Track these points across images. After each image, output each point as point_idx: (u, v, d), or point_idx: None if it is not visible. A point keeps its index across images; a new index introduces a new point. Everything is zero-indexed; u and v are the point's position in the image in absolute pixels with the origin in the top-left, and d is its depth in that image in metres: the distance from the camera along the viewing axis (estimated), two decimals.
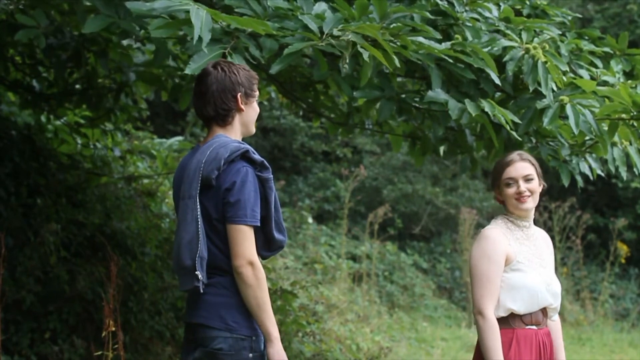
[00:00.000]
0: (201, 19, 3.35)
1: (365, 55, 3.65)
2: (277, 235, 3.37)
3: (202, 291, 3.25)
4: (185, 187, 3.29)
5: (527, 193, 3.66)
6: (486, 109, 4.17)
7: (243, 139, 3.44)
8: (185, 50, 3.56)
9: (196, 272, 3.23)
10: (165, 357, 5.92)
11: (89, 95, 6.12)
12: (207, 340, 3.26)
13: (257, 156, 3.30)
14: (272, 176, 3.32)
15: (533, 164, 3.71)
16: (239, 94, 3.35)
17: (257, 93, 3.43)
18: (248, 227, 3.23)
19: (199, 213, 3.25)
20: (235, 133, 3.39)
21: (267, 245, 3.39)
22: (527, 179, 3.67)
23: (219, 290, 3.27)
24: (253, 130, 3.47)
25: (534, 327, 3.64)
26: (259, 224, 3.26)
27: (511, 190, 3.66)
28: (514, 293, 3.59)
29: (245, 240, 3.22)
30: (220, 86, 3.34)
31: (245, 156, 3.27)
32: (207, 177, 3.24)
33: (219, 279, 3.27)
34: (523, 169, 3.67)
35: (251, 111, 3.41)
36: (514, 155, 3.71)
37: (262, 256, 3.41)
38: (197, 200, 3.25)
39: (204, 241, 3.25)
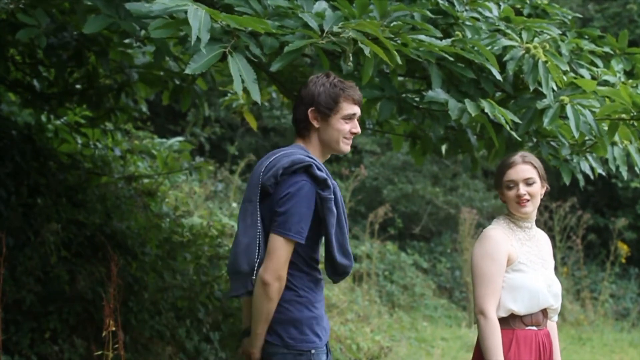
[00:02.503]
0: (199, 19, 3.34)
1: (367, 51, 3.64)
2: (340, 259, 3.25)
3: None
4: (248, 191, 3.24)
5: (527, 197, 3.64)
6: (486, 109, 4.17)
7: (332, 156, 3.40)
8: (185, 50, 3.55)
9: (253, 278, 3.18)
10: (166, 357, 5.92)
11: (90, 95, 6.12)
12: (268, 355, 3.25)
13: (320, 173, 3.16)
14: (333, 197, 3.17)
15: (535, 167, 3.68)
16: (310, 109, 3.26)
17: (339, 112, 3.27)
18: (286, 240, 3.13)
19: (259, 218, 3.18)
20: (313, 148, 3.30)
21: (332, 269, 3.28)
22: (528, 182, 3.65)
23: (277, 307, 3.22)
24: (341, 149, 3.32)
25: (534, 328, 3.64)
26: (301, 241, 3.15)
27: (511, 193, 3.65)
28: (515, 293, 3.59)
29: (279, 252, 3.13)
30: (300, 97, 3.30)
31: (307, 170, 3.16)
32: (265, 185, 3.18)
33: None
34: (524, 171, 3.65)
35: (329, 130, 3.28)
36: (517, 157, 3.69)
37: (332, 280, 3.33)
38: (257, 205, 3.19)
39: (264, 246, 3.19)
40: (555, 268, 3.86)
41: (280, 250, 3.14)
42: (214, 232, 7.19)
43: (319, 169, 3.17)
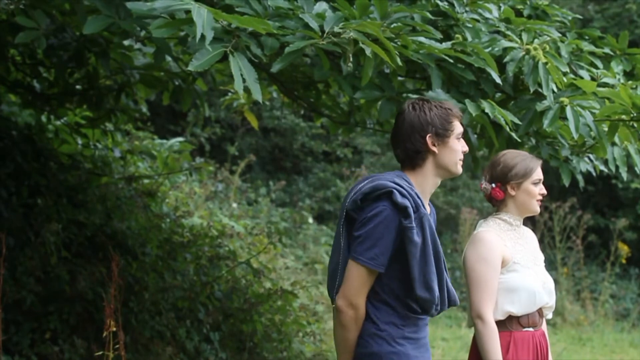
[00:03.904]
0: (203, 17, 3.34)
1: (368, 51, 3.64)
2: (419, 292, 3.07)
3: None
4: (339, 216, 3.19)
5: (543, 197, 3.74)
6: (486, 110, 4.18)
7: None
8: (187, 49, 3.55)
9: (334, 305, 3.13)
10: (166, 357, 5.92)
11: (90, 96, 6.12)
12: None
13: (402, 200, 3.04)
14: (413, 225, 3.05)
15: None
16: (427, 135, 3.15)
17: (454, 132, 3.20)
18: (359, 265, 3.04)
19: (342, 243, 3.12)
20: (424, 176, 3.19)
21: (414, 302, 3.13)
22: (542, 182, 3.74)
23: (359, 340, 3.13)
24: (458, 170, 3.23)
25: (530, 329, 3.63)
26: (376, 268, 3.04)
27: (537, 190, 3.68)
28: (512, 295, 3.58)
29: (351, 278, 3.04)
30: (409, 126, 3.16)
31: (389, 197, 3.06)
32: (349, 210, 3.12)
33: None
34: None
35: (448, 152, 3.18)
36: (534, 156, 3.73)
37: (414, 312, 3.16)
38: (341, 232, 3.13)
39: (343, 272, 3.11)
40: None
41: (353, 275, 3.04)
42: (214, 233, 7.19)
43: (403, 196, 3.06)
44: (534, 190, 3.67)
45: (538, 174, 3.68)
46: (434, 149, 3.17)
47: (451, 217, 13.37)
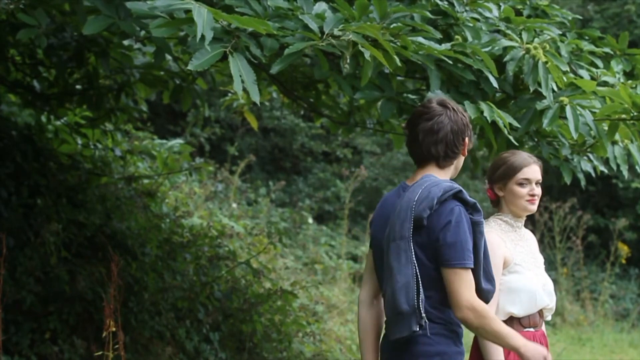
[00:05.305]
0: (203, 17, 3.34)
1: (367, 55, 3.64)
2: (484, 284, 3.16)
3: (420, 335, 3.11)
4: (397, 228, 3.13)
5: (537, 197, 3.68)
6: (485, 113, 4.17)
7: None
8: (187, 48, 3.54)
9: (422, 315, 3.08)
10: (166, 357, 5.92)
11: (90, 96, 6.12)
12: None
13: (469, 197, 3.14)
14: (483, 220, 3.16)
15: (541, 169, 3.74)
16: (467, 138, 3.26)
17: (471, 132, 3.34)
18: (466, 270, 3.07)
19: (413, 254, 3.09)
20: (447, 175, 3.27)
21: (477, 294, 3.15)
22: (538, 183, 3.70)
23: (423, 339, 3.13)
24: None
25: (531, 329, 3.64)
26: (473, 267, 3.10)
27: (524, 191, 3.66)
28: (513, 296, 3.58)
29: (464, 284, 3.06)
30: (455, 127, 3.23)
31: (457, 196, 3.12)
32: (419, 217, 3.09)
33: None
34: (537, 172, 3.69)
35: (464, 153, 3.31)
36: (528, 156, 3.71)
37: None
38: (411, 241, 3.10)
39: (428, 282, 3.10)
40: (545, 262, 3.88)
41: (465, 281, 3.07)
42: (214, 233, 7.19)
43: (466, 194, 3.15)
44: (520, 191, 3.66)
45: (523, 174, 3.66)
46: (465, 150, 3.29)
47: None
